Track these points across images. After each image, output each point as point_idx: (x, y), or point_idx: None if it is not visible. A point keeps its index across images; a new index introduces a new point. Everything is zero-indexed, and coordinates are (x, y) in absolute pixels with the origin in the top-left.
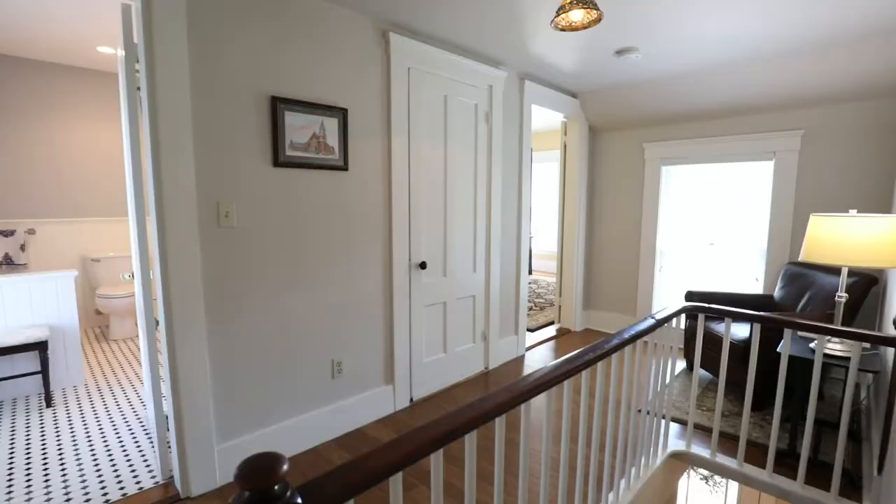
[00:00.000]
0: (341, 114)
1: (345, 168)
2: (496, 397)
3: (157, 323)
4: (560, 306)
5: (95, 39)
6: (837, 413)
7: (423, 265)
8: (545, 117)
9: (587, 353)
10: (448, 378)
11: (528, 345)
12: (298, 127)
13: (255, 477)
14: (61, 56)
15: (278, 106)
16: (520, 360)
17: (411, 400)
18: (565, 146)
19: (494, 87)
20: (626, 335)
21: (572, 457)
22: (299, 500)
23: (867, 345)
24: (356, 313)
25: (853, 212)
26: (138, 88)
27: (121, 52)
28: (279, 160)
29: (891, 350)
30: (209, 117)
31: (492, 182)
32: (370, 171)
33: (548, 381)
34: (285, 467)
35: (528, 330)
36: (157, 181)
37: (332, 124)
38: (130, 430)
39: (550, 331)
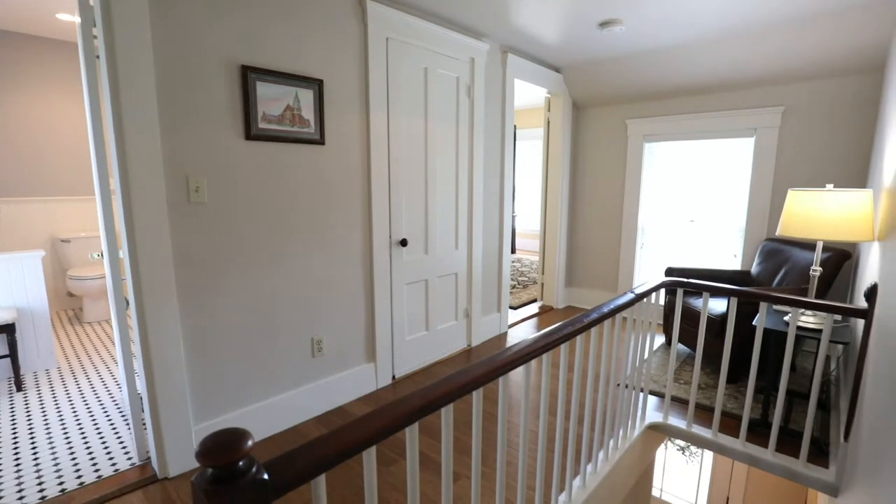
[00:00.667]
0: (317, 85)
1: (321, 142)
2: (473, 371)
3: (128, 303)
4: (542, 284)
5: (54, 5)
6: (808, 384)
7: (403, 242)
8: (529, 94)
9: (566, 326)
10: (431, 356)
11: (510, 322)
12: (271, 98)
13: (218, 453)
14: (19, 24)
15: (249, 76)
16: (502, 338)
17: (394, 378)
18: (548, 122)
19: (476, 60)
20: (606, 309)
21: (551, 429)
22: (266, 476)
23: (839, 317)
24: (336, 291)
25: (830, 186)
26: (97, 57)
27: (78, 18)
28: (252, 133)
29: (860, 322)
30: (175, 87)
31: (474, 158)
32: (348, 146)
33: (526, 354)
34: (249, 443)
35: (511, 308)
36: (120, 154)
37: (307, 96)
38: (106, 412)
39: (533, 308)
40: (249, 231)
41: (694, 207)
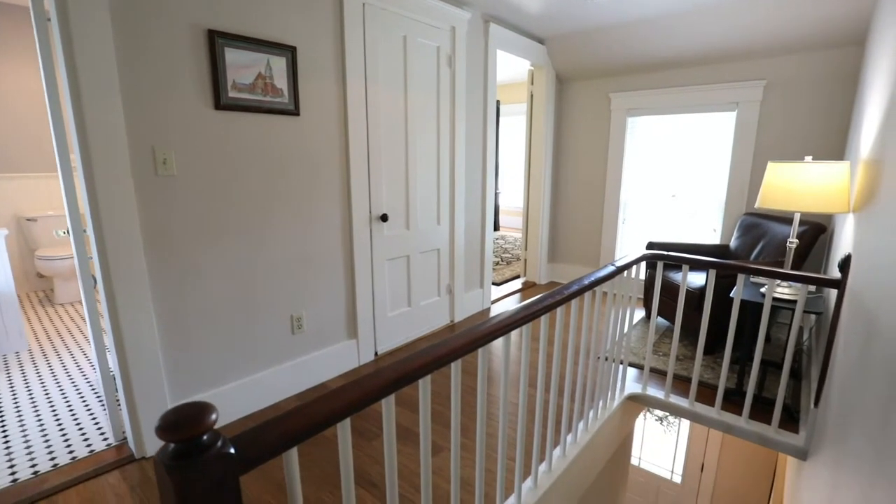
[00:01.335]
0: (290, 52)
1: (296, 113)
2: (451, 342)
3: (95, 281)
4: (526, 260)
5: None
6: (782, 354)
7: (384, 217)
8: (512, 68)
9: (546, 298)
10: (413, 332)
11: (493, 298)
12: (242, 66)
13: (180, 427)
14: None
15: (217, 41)
16: (485, 313)
17: (376, 354)
18: (532, 96)
19: (457, 29)
20: (586, 281)
21: (531, 402)
22: (232, 450)
23: (813, 288)
24: (315, 267)
25: (808, 159)
26: (49, 20)
27: None
28: (221, 102)
29: (833, 293)
30: (136, 53)
31: (456, 131)
32: (324, 117)
33: (506, 325)
34: (213, 416)
35: (494, 284)
36: (79, 125)
37: (279, 63)
38: (80, 393)
39: (516, 284)
40: (223, 205)
41: (675, 182)
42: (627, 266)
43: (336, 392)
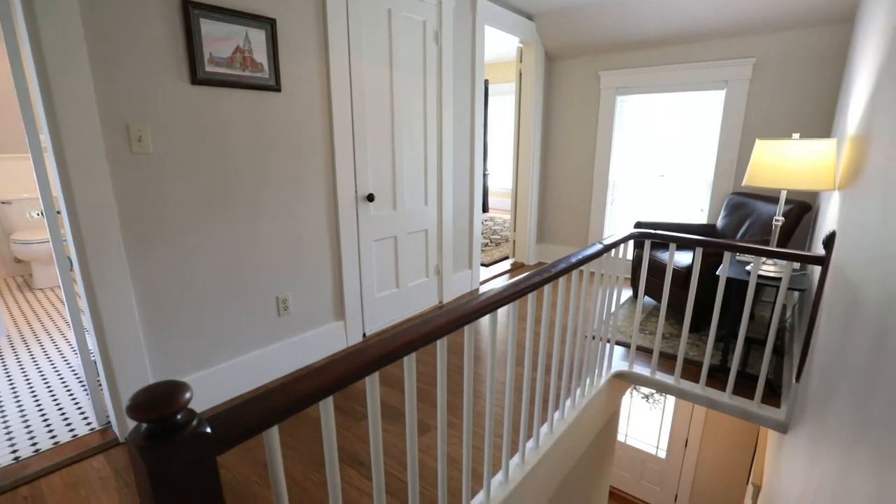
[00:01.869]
0: (269, 25)
1: (277, 88)
2: (437, 320)
3: (71, 263)
4: (514, 241)
5: None
6: (765, 331)
7: (370, 197)
8: (501, 46)
9: (533, 276)
10: (402, 313)
11: (482, 279)
12: (219, 38)
13: (152, 406)
14: None
15: (191, 11)
16: (474, 294)
17: (364, 335)
18: (521, 74)
19: (444, 4)
20: (574, 259)
21: (518, 380)
22: (209, 430)
23: (797, 266)
24: (300, 248)
25: (796, 136)
26: None
27: None
28: (198, 77)
29: (817, 270)
30: (106, 24)
31: (443, 110)
32: (306, 93)
33: (493, 302)
34: (188, 395)
35: (483, 265)
36: (47, 102)
37: (258, 36)
38: (62, 378)
39: (505, 265)
40: (203, 184)
41: (664, 162)
42: (615, 244)
43: (318, 370)
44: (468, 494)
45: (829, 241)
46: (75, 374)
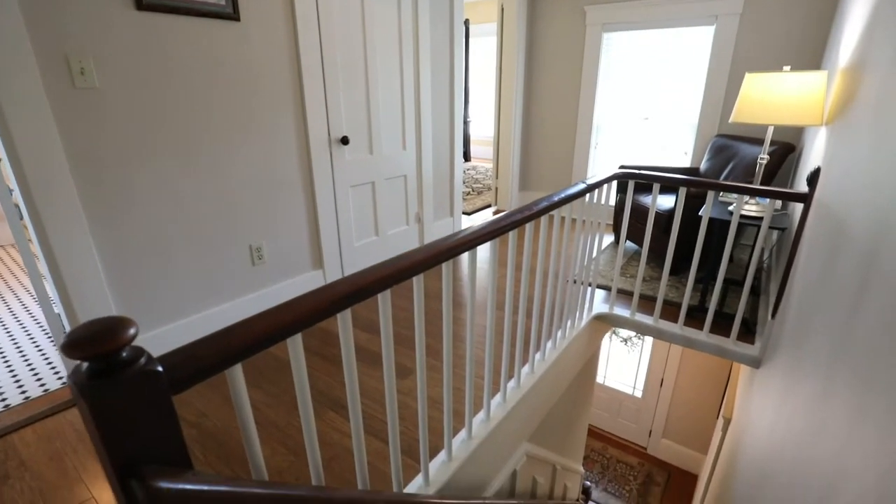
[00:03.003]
0: None
1: (235, 17)
2: (413, 255)
3: (20, 210)
4: (496, 188)
5: None
6: (743, 272)
7: (344, 140)
8: None
9: (514, 214)
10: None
11: (463, 227)
12: None
13: (91, 342)
14: None
15: None
16: None
17: None
18: (503, 10)
19: None
20: (556, 198)
21: (499, 323)
22: (160, 368)
23: (778, 206)
24: (273, 194)
25: (787, 69)
26: None
27: None
28: (144, 2)
29: (798, 209)
30: None
31: (420, 47)
32: (270, 24)
33: (472, 239)
34: (132, 331)
35: (465, 213)
36: None
37: None
38: (29, 334)
39: (487, 214)
40: (158, 122)
41: (648, 105)
42: (598, 184)
43: (282, 305)
44: (450, 432)
45: (814, 178)
46: (43, 330)
